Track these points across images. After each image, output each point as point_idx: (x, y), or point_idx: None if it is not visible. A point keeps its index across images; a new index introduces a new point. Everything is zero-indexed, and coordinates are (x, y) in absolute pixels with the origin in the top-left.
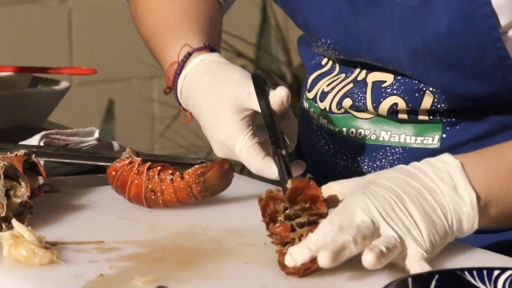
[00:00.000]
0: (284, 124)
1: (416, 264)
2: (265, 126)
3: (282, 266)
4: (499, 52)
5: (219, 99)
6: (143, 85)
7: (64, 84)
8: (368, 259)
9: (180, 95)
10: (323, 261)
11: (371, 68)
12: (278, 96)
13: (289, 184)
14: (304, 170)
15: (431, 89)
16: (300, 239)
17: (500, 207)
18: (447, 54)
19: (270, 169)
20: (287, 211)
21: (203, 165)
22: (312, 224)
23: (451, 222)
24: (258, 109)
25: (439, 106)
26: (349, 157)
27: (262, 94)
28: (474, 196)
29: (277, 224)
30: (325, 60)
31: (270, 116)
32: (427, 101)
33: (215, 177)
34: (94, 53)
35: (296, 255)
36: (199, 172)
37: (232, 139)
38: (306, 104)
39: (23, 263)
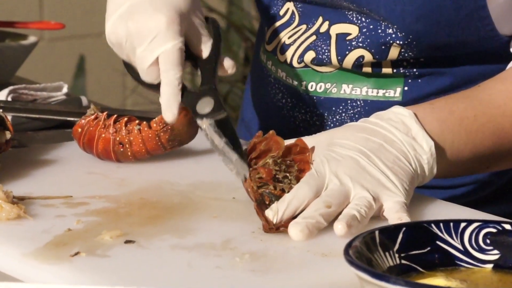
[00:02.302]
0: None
1: (395, 217)
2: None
3: (257, 204)
4: (478, 1)
5: None
6: None
7: (32, 39)
8: (339, 228)
9: None
10: (295, 234)
11: (334, 19)
12: (232, 62)
13: (293, 140)
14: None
15: (398, 41)
16: (280, 192)
17: (453, 155)
18: (427, 1)
19: (174, 105)
20: (277, 158)
21: None
22: (292, 186)
23: (415, 167)
24: (206, 40)
25: (406, 55)
26: (307, 111)
27: (218, 37)
28: (432, 144)
29: (262, 164)
30: (283, 10)
31: (216, 61)
32: (394, 52)
33: (182, 124)
34: (65, 8)
35: (282, 214)
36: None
37: (167, 35)
38: (263, 57)
39: None
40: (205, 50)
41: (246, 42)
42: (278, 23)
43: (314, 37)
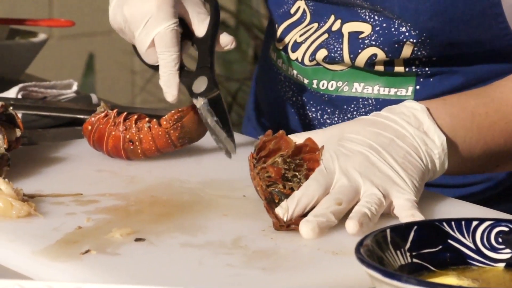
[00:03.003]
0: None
1: (407, 215)
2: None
3: (267, 202)
4: None
5: None
6: (123, 39)
7: (42, 36)
8: (351, 226)
9: None
10: (306, 233)
11: (346, 18)
12: (230, 38)
13: (303, 139)
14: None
15: (411, 40)
16: (289, 191)
17: (464, 151)
18: None
19: (173, 85)
20: (286, 157)
21: (179, 109)
22: (301, 185)
23: (426, 162)
24: (203, 15)
25: (419, 53)
26: (318, 109)
27: (215, 15)
28: (444, 139)
29: (271, 162)
30: (294, 8)
31: (212, 39)
32: (407, 51)
33: (192, 122)
34: (74, 6)
35: (292, 212)
36: (176, 117)
37: (159, 17)
38: (273, 55)
39: (0, 215)
40: (202, 28)
41: (256, 40)
42: (289, 21)
43: (326, 35)
